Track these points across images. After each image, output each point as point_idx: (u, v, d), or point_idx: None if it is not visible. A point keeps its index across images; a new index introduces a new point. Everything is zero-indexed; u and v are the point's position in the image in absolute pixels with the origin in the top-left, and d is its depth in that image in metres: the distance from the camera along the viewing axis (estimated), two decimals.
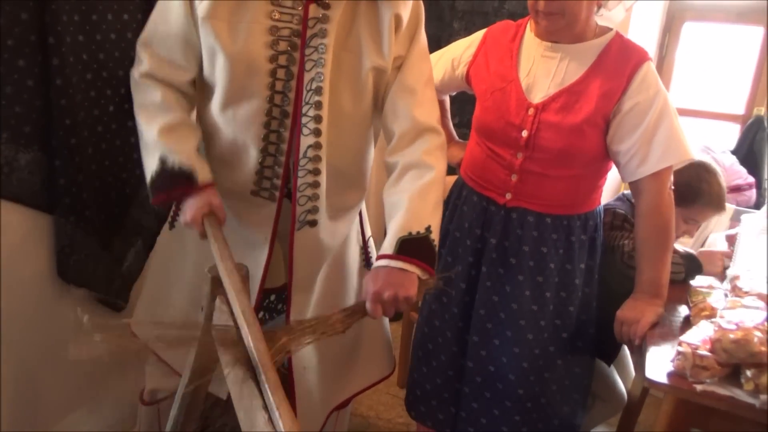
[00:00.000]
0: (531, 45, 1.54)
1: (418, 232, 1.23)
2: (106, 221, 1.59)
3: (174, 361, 1.49)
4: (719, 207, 1.78)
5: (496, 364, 1.61)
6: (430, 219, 1.26)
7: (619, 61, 1.45)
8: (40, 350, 1.54)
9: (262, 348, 0.92)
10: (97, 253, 1.58)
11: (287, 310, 1.43)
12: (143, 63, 1.30)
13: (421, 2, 1.36)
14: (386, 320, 1.72)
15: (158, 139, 1.26)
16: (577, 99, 1.46)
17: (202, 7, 1.22)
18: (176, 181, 1.24)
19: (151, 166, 1.27)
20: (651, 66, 1.45)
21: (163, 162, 1.25)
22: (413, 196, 1.27)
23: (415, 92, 1.33)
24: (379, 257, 1.24)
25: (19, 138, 1.34)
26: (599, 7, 1.46)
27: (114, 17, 1.46)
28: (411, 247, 1.22)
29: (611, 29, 1.52)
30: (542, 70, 1.51)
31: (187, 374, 1.24)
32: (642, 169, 1.46)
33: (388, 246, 1.23)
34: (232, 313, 1.05)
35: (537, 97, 1.50)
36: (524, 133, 1.49)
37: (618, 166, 1.52)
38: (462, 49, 1.69)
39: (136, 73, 1.31)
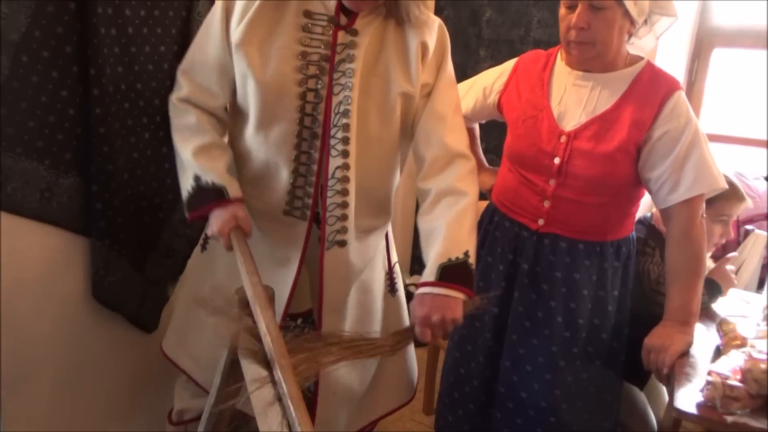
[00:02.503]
0: (562, 74, 1.55)
1: (457, 258, 1.26)
2: (140, 244, 1.62)
3: (204, 381, 1.51)
4: (740, 195, 1.75)
5: (527, 390, 1.59)
6: (467, 244, 1.28)
7: (651, 90, 1.45)
8: (75, 368, 1.57)
9: (284, 362, 0.94)
10: (131, 275, 1.61)
11: (318, 330, 1.44)
12: (182, 89, 1.37)
13: (446, 31, 1.39)
14: (411, 347, 1.72)
15: (193, 160, 1.32)
16: (610, 127, 1.46)
17: (236, 34, 1.27)
18: (209, 197, 1.31)
19: (186, 184, 1.34)
20: (682, 95, 1.45)
21: (197, 180, 1.32)
22: (450, 222, 1.29)
23: (445, 119, 1.36)
24: (422, 284, 1.26)
25: (60, 164, 1.38)
26: (630, 36, 1.47)
27: (151, 50, 1.51)
28: (451, 272, 1.25)
29: (642, 58, 1.52)
30: (574, 98, 1.51)
31: (213, 394, 1.26)
32: (673, 196, 1.45)
33: (430, 273, 1.25)
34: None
35: (569, 125, 1.50)
36: (556, 160, 1.50)
37: (650, 192, 1.52)
38: (493, 78, 1.70)
39: (174, 97, 1.38)
